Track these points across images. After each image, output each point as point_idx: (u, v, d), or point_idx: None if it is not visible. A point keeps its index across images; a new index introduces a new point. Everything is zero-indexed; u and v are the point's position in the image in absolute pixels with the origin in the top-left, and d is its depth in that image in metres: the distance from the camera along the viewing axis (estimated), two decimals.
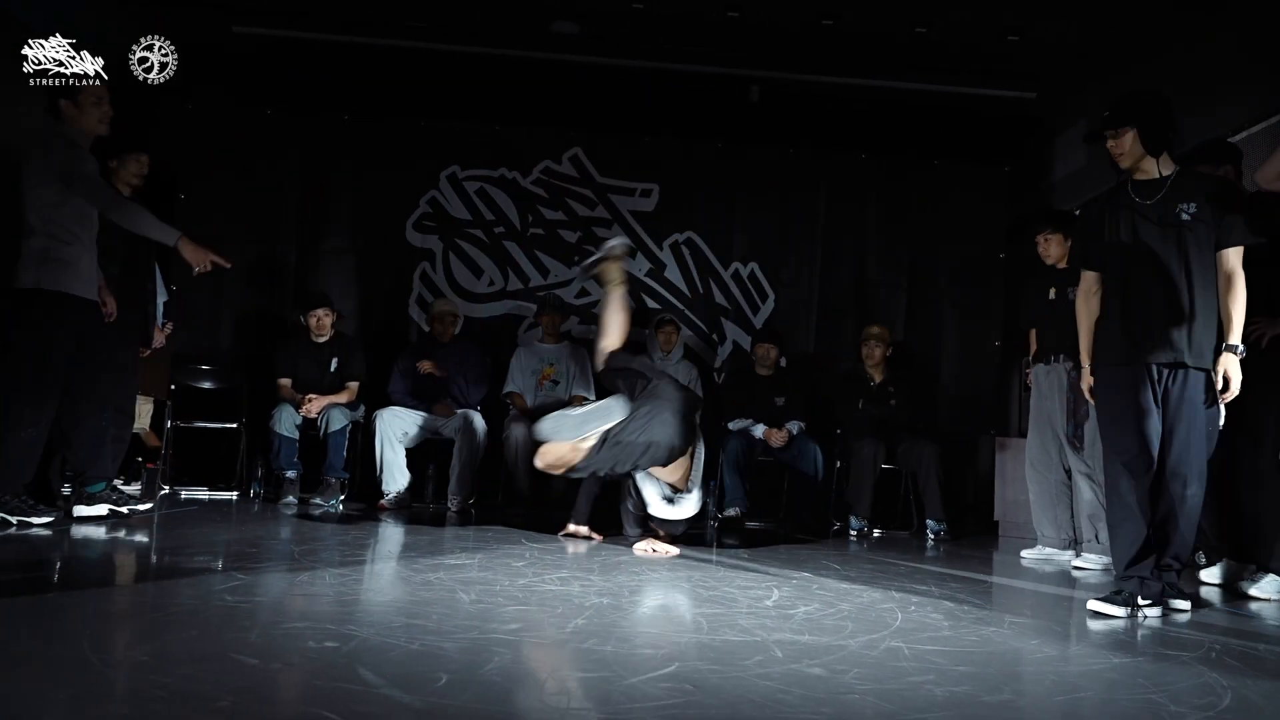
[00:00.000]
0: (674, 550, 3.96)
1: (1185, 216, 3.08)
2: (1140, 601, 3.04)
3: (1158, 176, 3.16)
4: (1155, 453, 3.08)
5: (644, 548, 3.96)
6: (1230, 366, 3.03)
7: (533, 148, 6.54)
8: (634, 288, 6.56)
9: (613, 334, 4.31)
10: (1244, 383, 3.05)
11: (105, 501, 4.09)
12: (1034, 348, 4.71)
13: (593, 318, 6.50)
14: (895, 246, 6.66)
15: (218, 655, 1.94)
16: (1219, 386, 3.04)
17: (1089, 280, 3.32)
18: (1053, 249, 4.59)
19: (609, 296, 4.41)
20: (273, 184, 6.31)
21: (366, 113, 6.45)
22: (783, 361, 6.06)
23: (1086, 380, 3.35)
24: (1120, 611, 3.01)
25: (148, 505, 4.18)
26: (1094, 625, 2.92)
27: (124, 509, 4.16)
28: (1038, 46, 5.75)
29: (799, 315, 6.58)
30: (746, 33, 5.85)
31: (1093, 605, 3.06)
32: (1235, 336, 3.04)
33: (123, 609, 2.52)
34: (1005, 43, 5.72)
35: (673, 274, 6.59)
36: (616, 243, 4.50)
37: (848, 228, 6.67)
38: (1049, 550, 4.58)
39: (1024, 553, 4.65)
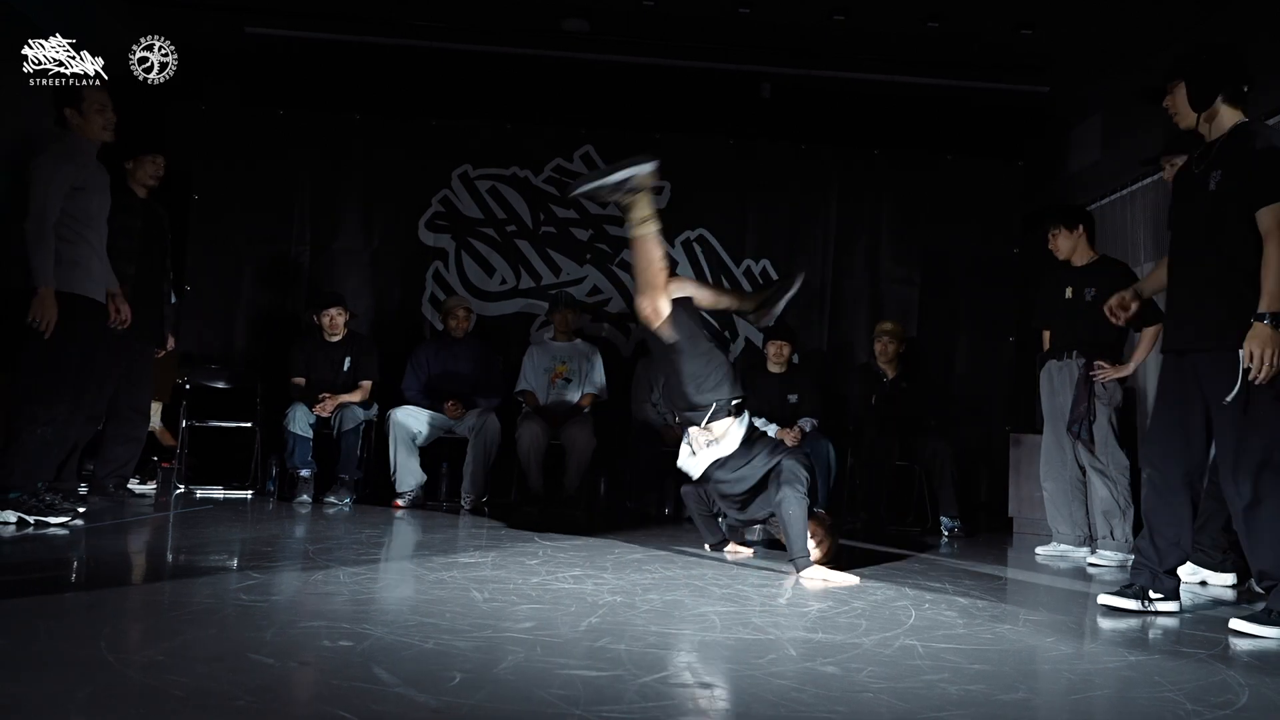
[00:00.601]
0: (848, 579, 3.33)
1: (1212, 186, 2.82)
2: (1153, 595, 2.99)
3: (1211, 138, 2.90)
4: (1187, 445, 2.88)
5: (812, 576, 3.34)
6: (1255, 341, 2.66)
7: (544, 146, 6.54)
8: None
9: (655, 287, 3.58)
10: None
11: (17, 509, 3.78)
12: (1047, 346, 4.68)
13: (605, 315, 6.51)
14: (908, 242, 6.64)
15: (235, 654, 1.95)
16: (1243, 365, 2.68)
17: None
18: (1061, 244, 4.56)
19: (638, 240, 3.62)
20: (286, 184, 6.34)
21: (378, 112, 6.47)
22: (795, 358, 6.05)
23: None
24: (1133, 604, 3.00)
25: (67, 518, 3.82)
26: (1107, 623, 2.90)
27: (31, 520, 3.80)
28: (1051, 40, 5.72)
29: (811, 312, 6.57)
30: (757, 29, 5.84)
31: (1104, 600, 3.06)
32: (1265, 304, 2.67)
33: (139, 608, 2.54)
34: (1018, 36, 5.69)
35: (684, 271, 6.57)
36: (645, 168, 3.59)
37: (860, 224, 6.64)
38: (1064, 547, 4.55)
39: (1039, 549, 4.62)
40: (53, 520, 3.74)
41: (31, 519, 3.71)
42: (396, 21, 6.00)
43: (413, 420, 5.48)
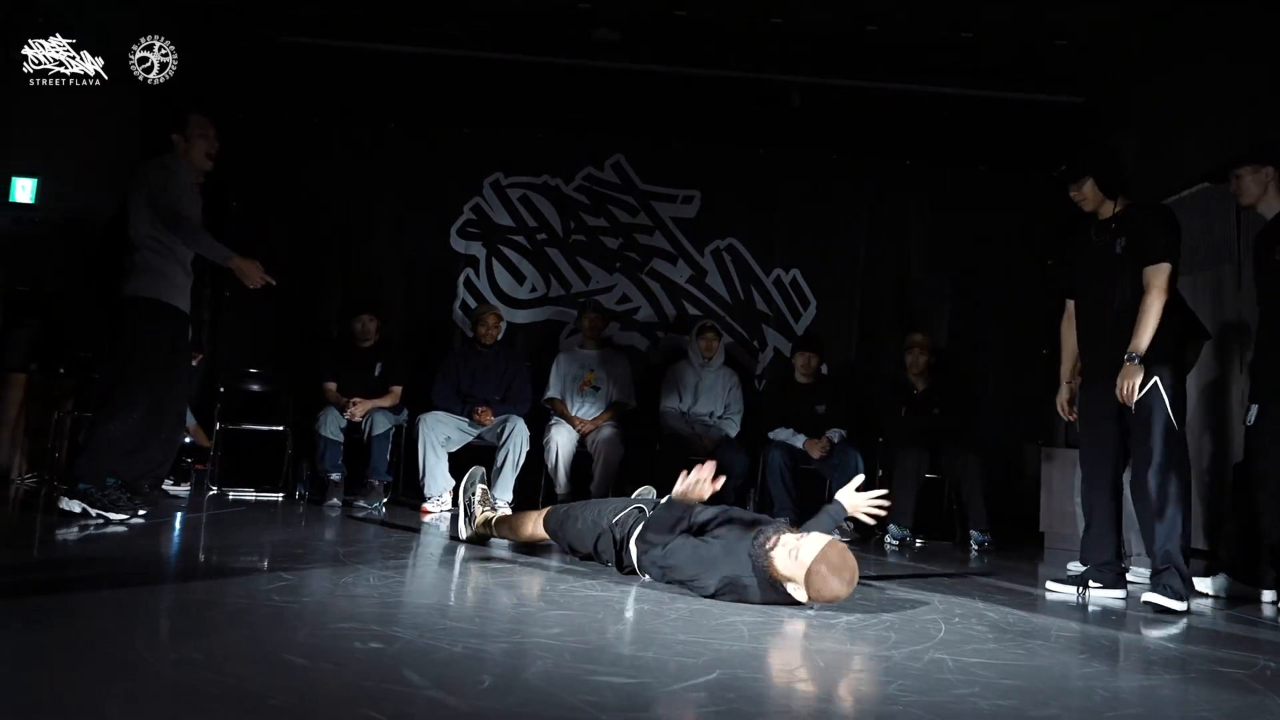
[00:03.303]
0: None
1: (1117, 250, 3.56)
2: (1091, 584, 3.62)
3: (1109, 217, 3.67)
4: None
5: None
6: (1122, 375, 3.40)
7: (575, 154, 6.58)
8: (675, 294, 6.58)
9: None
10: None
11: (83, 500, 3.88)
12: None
13: (634, 324, 6.53)
14: (939, 253, 6.60)
15: (268, 655, 1.98)
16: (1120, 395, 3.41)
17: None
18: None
19: None
20: (320, 191, 6.43)
21: (411, 120, 6.54)
22: (824, 369, 6.03)
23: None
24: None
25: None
26: (1143, 641, 2.86)
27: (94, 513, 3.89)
28: (1085, 50, 5.66)
29: (841, 322, 6.54)
30: (788, 38, 5.83)
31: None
32: (1132, 344, 3.39)
33: (174, 607, 2.57)
34: (1053, 46, 5.64)
35: (714, 280, 6.58)
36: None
37: (891, 234, 6.61)
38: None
39: (1071, 565, 4.57)
40: (113, 516, 3.84)
41: (94, 511, 3.82)
42: (430, 31, 6.06)
43: (442, 426, 5.51)
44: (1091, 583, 3.64)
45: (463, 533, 4.05)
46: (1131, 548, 4.36)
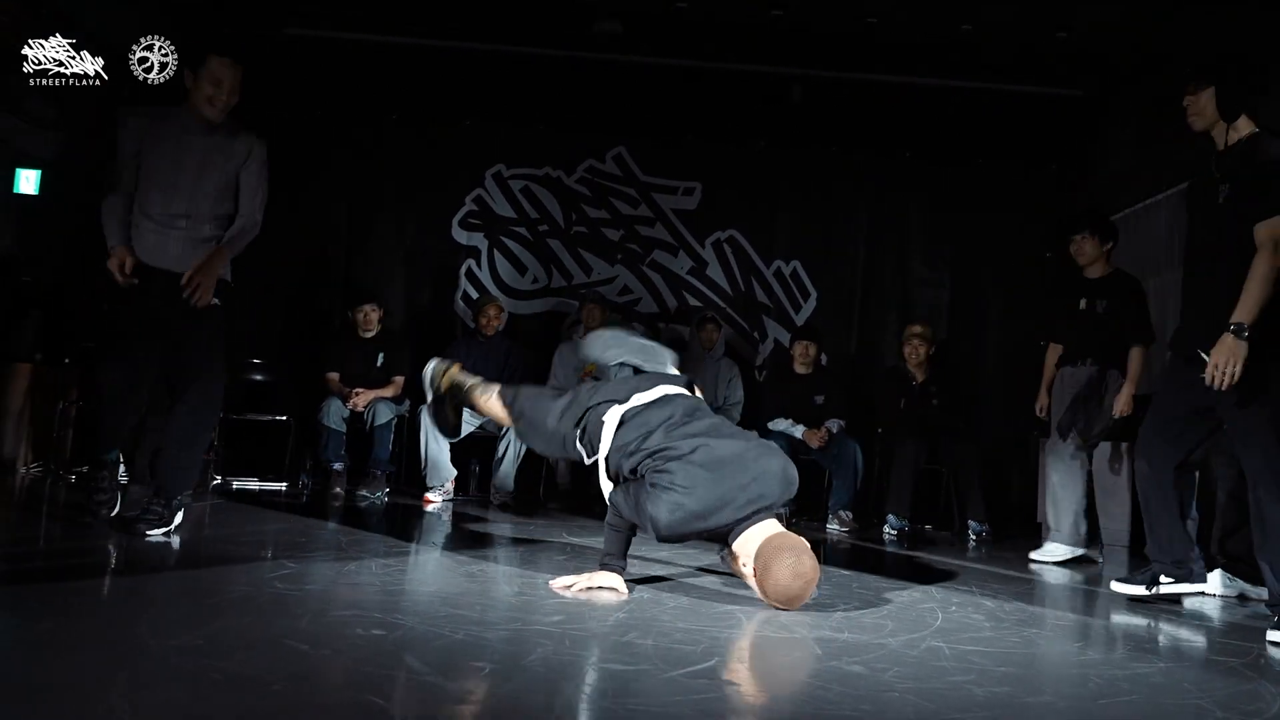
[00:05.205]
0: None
1: (1221, 199, 2.90)
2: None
3: (1223, 147, 2.96)
4: (1179, 442, 3.11)
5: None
6: (1219, 350, 2.74)
7: (576, 147, 6.59)
8: (676, 285, 6.59)
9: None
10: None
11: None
12: (1051, 359, 4.76)
13: (635, 315, 6.54)
14: (939, 245, 6.61)
15: (270, 641, 2.00)
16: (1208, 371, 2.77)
17: None
18: (1087, 250, 4.55)
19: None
20: (323, 183, 6.43)
21: (414, 113, 6.55)
22: (823, 360, 6.04)
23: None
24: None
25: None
26: (1137, 629, 2.89)
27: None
28: (1085, 44, 5.66)
29: (840, 314, 6.56)
30: (789, 32, 5.83)
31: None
32: (1237, 314, 2.74)
33: (178, 594, 2.60)
34: (1053, 40, 5.63)
35: (714, 272, 6.60)
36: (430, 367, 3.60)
37: (890, 226, 6.63)
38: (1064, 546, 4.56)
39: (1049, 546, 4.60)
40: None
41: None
42: (432, 24, 6.06)
43: None
44: (1164, 578, 3.21)
45: (429, 391, 3.59)
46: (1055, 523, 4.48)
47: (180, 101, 3.64)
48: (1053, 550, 4.46)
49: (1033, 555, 4.48)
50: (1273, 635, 2.70)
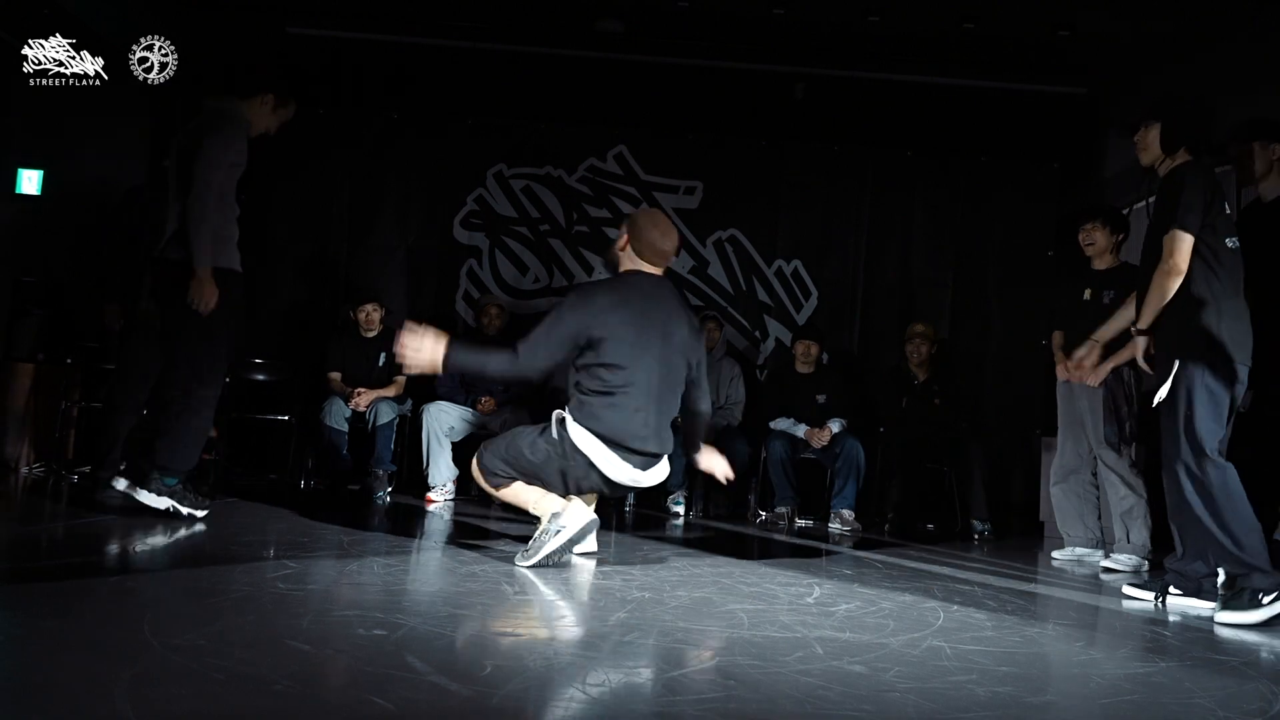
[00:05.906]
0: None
1: (1148, 215, 3.34)
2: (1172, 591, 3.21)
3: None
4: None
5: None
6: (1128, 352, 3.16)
7: (578, 146, 6.59)
8: (677, 284, 6.59)
9: None
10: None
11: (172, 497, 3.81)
12: (1057, 349, 4.66)
13: None
14: (941, 244, 6.60)
15: (272, 641, 2.00)
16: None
17: None
18: (1099, 239, 4.50)
19: None
20: (324, 182, 6.44)
21: (415, 111, 6.54)
22: (825, 358, 6.04)
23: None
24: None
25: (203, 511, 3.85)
26: (1138, 629, 2.88)
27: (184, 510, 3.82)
28: (1088, 41, 5.66)
29: (842, 312, 6.55)
30: (791, 29, 5.83)
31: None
32: (1140, 320, 3.16)
33: (180, 593, 2.60)
34: (1055, 37, 5.64)
35: (716, 271, 6.59)
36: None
37: (892, 225, 6.62)
38: (1080, 550, 4.53)
39: (1055, 554, 4.60)
40: (199, 513, 3.74)
41: (185, 510, 3.71)
42: (434, 22, 6.07)
43: (446, 415, 5.54)
44: (1173, 589, 3.24)
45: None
46: (1114, 534, 4.41)
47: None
48: (1124, 560, 4.27)
49: (1104, 564, 4.32)
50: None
